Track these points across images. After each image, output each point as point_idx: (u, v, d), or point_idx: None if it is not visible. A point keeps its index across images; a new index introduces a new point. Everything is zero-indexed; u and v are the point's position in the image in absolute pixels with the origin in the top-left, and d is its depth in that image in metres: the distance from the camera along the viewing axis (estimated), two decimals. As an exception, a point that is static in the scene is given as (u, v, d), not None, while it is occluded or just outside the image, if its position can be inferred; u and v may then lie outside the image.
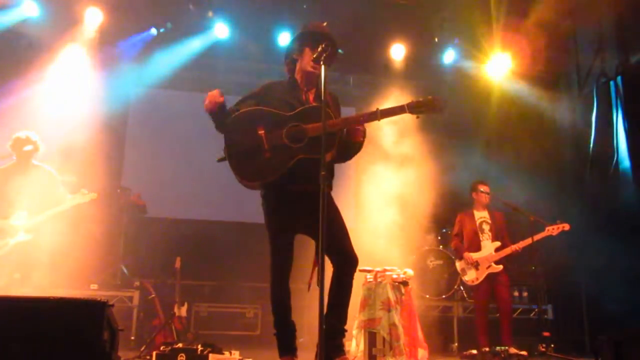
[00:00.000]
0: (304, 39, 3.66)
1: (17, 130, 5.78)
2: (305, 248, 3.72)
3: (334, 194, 3.65)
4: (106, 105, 7.54)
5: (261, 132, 3.44)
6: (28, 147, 5.66)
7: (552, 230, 6.18)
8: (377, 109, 3.41)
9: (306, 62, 3.61)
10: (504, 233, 6.55)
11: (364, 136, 3.53)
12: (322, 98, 3.06)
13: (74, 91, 7.35)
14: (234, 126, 3.52)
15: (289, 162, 3.37)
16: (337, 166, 3.73)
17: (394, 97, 8.42)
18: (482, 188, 6.62)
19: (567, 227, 6.17)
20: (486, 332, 6.31)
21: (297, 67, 3.70)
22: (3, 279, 5.34)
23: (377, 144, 7.87)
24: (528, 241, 6.23)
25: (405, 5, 7.48)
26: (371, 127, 3.55)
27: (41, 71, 7.27)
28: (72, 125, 7.02)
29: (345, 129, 3.53)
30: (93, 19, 7.22)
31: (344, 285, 3.44)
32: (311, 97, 3.65)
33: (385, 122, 3.52)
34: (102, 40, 7.40)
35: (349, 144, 3.56)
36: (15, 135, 5.70)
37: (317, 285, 2.80)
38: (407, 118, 3.52)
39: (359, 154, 3.68)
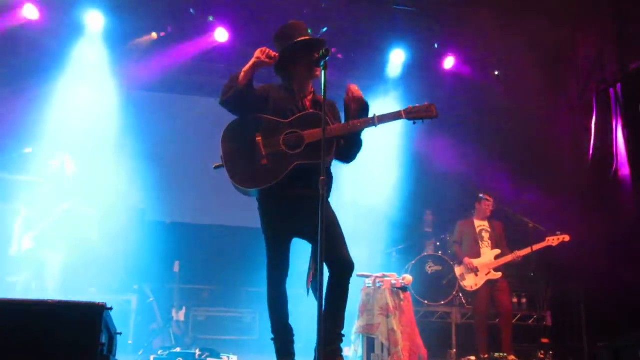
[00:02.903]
0: (296, 49, 3.62)
1: (12, 131, 5.89)
2: (303, 253, 3.72)
3: (331, 198, 3.65)
4: (105, 108, 7.55)
5: (258, 139, 3.44)
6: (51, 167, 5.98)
7: (552, 241, 6.20)
8: (375, 115, 3.46)
9: (304, 70, 3.61)
10: (503, 242, 6.58)
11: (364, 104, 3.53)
12: (323, 103, 3.08)
13: (73, 93, 7.36)
14: (230, 133, 3.51)
15: (286, 169, 3.37)
16: (334, 172, 3.72)
17: (393, 103, 8.44)
18: (486, 200, 6.65)
19: (567, 238, 6.19)
20: (485, 338, 6.31)
21: (294, 75, 3.67)
22: (21, 283, 5.56)
23: (375, 150, 7.89)
24: (528, 250, 6.26)
25: (406, 11, 7.50)
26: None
27: (40, 74, 7.29)
28: (70, 128, 7.03)
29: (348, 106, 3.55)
30: (94, 22, 7.24)
31: (340, 290, 3.42)
32: (308, 103, 3.65)
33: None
34: (102, 44, 7.41)
35: (351, 138, 3.54)
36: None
37: (314, 290, 2.79)
38: (407, 126, 3.55)
39: (359, 159, 3.67)
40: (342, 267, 3.42)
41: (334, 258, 3.37)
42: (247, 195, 3.54)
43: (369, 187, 7.94)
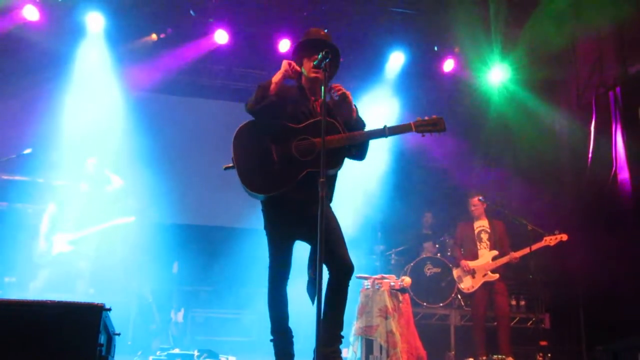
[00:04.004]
0: (301, 49, 3.68)
1: (12, 132, 5.91)
2: (302, 255, 3.72)
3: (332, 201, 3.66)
4: (105, 110, 7.55)
5: (271, 144, 3.45)
6: (87, 170, 6.08)
7: (550, 240, 6.20)
8: (385, 126, 3.47)
9: (307, 70, 3.63)
10: (504, 242, 6.55)
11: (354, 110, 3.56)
12: (323, 104, 3.09)
13: (73, 95, 7.37)
14: (242, 136, 3.50)
15: (298, 176, 3.38)
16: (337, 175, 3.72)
17: (393, 106, 8.46)
18: (473, 200, 6.67)
19: (565, 237, 6.19)
20: (483, 340, 6.31)
21: (302, 77, 3.70)
22: (39, 283, 5.62)
23: (374, 152, 7.88)
24: (526, 251, 6.26)
25: (406, 14, 7.51)
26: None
27: (40, 75, 7.30)
28: (70, 129, 7.03)
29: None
30: (94, 24, 7.24)
31: (340, 292, 3.43)
32: (319, 106, 3.64)
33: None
34: (103, 46, 7.42)
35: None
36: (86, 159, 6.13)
37: (311, 293, 2.79)
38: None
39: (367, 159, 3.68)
40: (342, 269, 3.42)
41: (334, 260, 3.38)
42: (254, 197, 3.54)
43: (368, 189, 7.94)
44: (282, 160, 3.42)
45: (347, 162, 3.61)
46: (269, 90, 3.46)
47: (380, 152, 8.10)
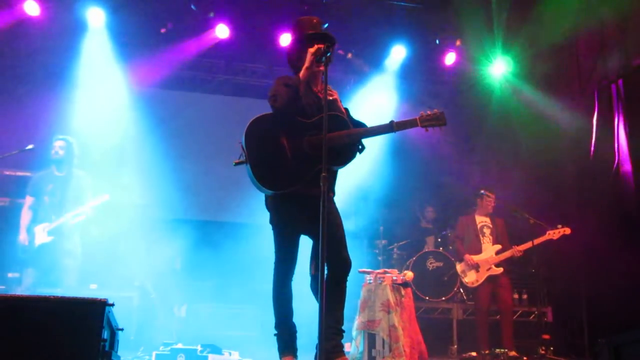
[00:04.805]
0: (303, 43, 3.64)
1: (12, 130, 5.85)
2: (304, 252, 3.72)
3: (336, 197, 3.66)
4: (106, 106, 7.54)
5: (284, 139, 3.44)
6: (56, 153, 5.78)
7: (553, 234, 6.20)
8: (392, 121, 3.51)
9: (310, 64, 3.59)
10: (505, 238, 6.57)
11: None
12: (324, 101, 3.08)
13: (75, 91, 7.37)
14: (255, 130, 3.48)
15: (310, 172, 3.37)
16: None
17: (393, 99, 8.44)
18: (488, 196, 6.64)
19: (568, 231, 6.19)
20: (486, 334, 6.32)
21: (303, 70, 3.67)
22: (29, 279, 5.51)
23: (376, 146, 7.88)
24: (528, 244, 6.26)
25: (407, 7, 7.48)
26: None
27: (42, 71, 7.29)
28: (71, 125, 7.03)
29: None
30: (95, 19, 7.23)
31: (338, 288, 3.45)
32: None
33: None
34: (104, 41, 7.41)
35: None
36: (53, 141, 5.83)
37: (313, 288, 2.79)
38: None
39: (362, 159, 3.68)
40: (340, 267, 3.46)
41: (333, 258, 3.38)
42: (263, 192, 3.52)
43: (369, 183, 7.94)
44: (296, 157, 3.42)
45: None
46: (300, 92, 3.45)
47: (381, 145, 8.09)
